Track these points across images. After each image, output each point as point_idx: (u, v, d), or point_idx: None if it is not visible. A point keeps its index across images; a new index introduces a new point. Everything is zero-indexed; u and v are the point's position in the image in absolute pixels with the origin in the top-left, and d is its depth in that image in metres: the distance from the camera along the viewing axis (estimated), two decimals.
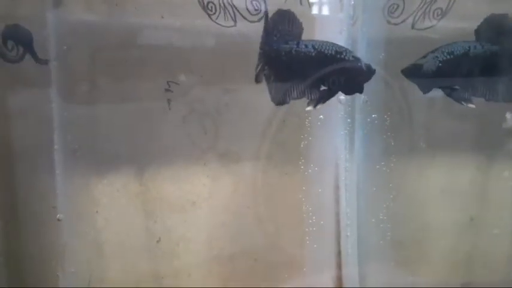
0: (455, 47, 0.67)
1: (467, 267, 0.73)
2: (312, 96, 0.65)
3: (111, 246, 0.65)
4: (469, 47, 0.67)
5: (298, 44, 0.64)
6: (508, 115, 0.69)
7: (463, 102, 0.68)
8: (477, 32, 0.67)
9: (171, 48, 0.62)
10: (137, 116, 0.63)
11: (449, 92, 0.69)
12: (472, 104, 0.68)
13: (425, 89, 0.68)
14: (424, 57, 0.67)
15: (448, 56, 0.67)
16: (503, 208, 0.72)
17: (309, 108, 0.66)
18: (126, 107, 0.63)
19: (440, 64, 0.67)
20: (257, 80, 0.64)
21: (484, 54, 0.67)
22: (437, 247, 0.73)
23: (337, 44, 0.64)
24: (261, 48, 0.64)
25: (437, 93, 0.69)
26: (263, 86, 0.65)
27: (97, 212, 0.64)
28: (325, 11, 0.65)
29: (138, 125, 0.64)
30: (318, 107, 0.66)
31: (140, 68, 0.62)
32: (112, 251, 0.65)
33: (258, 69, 0.64)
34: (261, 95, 0.66)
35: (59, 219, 0.62)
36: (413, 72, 0.67)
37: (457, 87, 0.68)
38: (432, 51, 0.67)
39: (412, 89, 0.68)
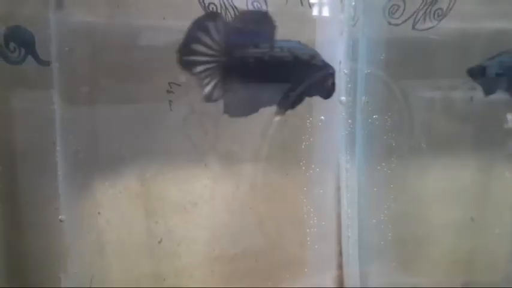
0: None
1: (468, 268, 0.73)
2: (283, 103, 0.62)
3: (113, 247, 0.65)
4: None
5: (272, 47, 0.58)
6: (509, 116, 0.69)
7: None
8: None
9: (173, 49, 0.62)
10: (138, 117, 0.64)
11: None
12: None
13: (488, 91, 0.66)
14: (491, 58, 0.65)
15: None
16: (504, 208, 0.72)
17: (277, 118, 0.62)
18: (127, 108, 0.63)
19: (506, 69, 0.65)
20: (210, 99, 0.57)
21: None
22: (438, 247, 0.73)
23: (307, 46, 0.62)
24: (214, 61, 0.56)
25: (437, 93, 0.69)
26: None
27: (99, 213, 0.64)
28: (326, 12, 0.65)
29: (140, 126, 0.64)
30: (288, 112, 0.64)
31: (141, 69, 0.62)
32: (114, 251, 0.65)
33: (212, 86, 0.57)
34: None
35: (61, 220, 0.62)
36: (476, 73, 0.66)
37: None
38: (500, 54, 0.65)
39: (413, 89, 0.69)
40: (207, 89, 0.58)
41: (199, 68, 0.57)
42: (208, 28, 0.55)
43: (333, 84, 0.63)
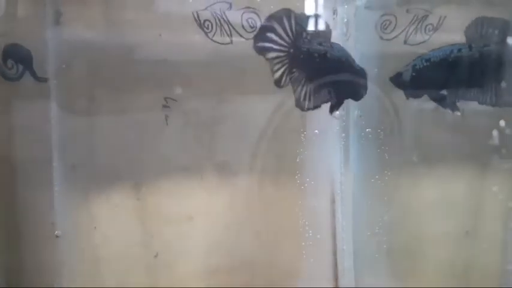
0: (433, 53, 0.67)
1: (463, 279, 0.73)
2: (332, 102, 0.67)
3: (109, 262, 0.65)
4: (452, 50, 0.67)
5: (331, 46, 0.65)
6: (498, 128, 0.70)
7: (449, 110, 0.68)
8: (466, 33, 0.67)
9: (169, 63, 0.62)
10: (135, 131, 0.64)
11: (438, 99, 0.68)
12: (459, 111, 0.68)
13: (413, 96, 0.69)
14: (407, 65, 0.68)
15: (426, 63, 0.67)
16: (498, 220, 0.72)
17: (333, 114, 0.67)
18: (124, 123, 0.63)
19: (419, 72, 0.67)
20: (279, 85, 0.64)
21: (472, 57, 0.67)
22: (433, 259, 0.73)
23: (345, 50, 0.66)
24: (285, 51, 0.63)
25: (429, 105, 0.70)
26: (260, 98, 0.66)
27: (95, 228, 0.64)
28: (319, 28, 0.66)
29: (136, 141, 0.64)
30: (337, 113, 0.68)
31: (138, 85, 0.63)
32: (110, 266, 0.65)
33: (281, 72, 0.63)
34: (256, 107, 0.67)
35: (57, 236, 0.62)
36: (396, 81, 0.68)
37: (444, 93, 0.68)
38: (415, 59, 0.68)
39: (405, 103, 0.69)
40: (277, 74, 0.64)
41: (272, 55, 0.64)
42: (283, 20, 0.63)
43: (366, 86, 0.67)
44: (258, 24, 0.63)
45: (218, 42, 0.63)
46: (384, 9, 0.67)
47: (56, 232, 0.62)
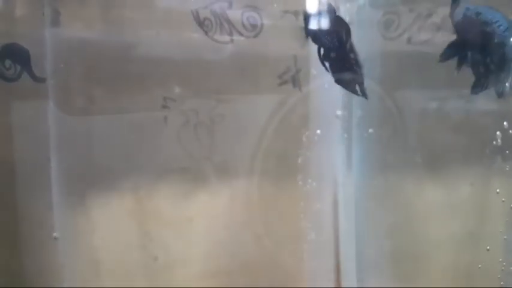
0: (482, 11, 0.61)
1: (467, 282, 0.72)
2: None
3: (108, 265, 0.64)
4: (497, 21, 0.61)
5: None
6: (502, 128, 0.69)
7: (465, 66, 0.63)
8: None
9: (167, 62, 0.62)
10: (133, 132, 0.64)
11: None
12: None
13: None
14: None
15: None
16: (502, 222, 0.72)
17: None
18: (122, 123, 0.63)
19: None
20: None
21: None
22: (436, 261, 0.72)
23: None
24: None
25: (432, 105, 0.69)
26: (260, 98, 0.65)
27: (94, 230, 0.64)
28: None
29: (135, 141, 0.64)
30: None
31: (137, 85, 0.62)
32: (109, 269, 0.64)
33: None
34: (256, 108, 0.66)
35: (55, 238, 0.62)
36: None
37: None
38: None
39: (408, 103, 0.69)
40: None
41: None
42: None
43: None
44: (259, 23, 0.63)
45: (218, 41, 0.62)
46: (386, 8, 0.66)
47: (54, 234, 0.62)
